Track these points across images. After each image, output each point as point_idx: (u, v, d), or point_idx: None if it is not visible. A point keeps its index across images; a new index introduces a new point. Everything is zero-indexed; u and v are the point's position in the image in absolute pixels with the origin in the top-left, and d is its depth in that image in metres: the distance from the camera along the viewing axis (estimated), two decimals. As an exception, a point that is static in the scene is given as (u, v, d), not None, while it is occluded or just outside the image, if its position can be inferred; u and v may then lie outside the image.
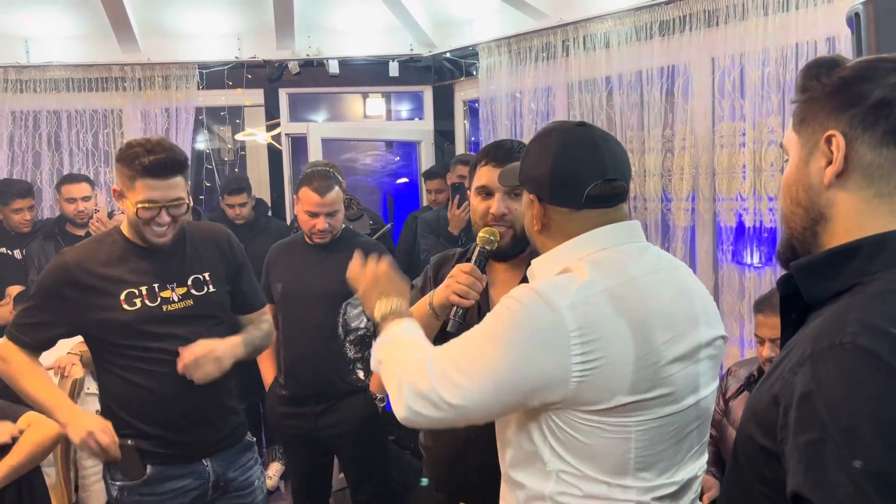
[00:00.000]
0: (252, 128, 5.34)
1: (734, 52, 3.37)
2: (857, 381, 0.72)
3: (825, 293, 0.86)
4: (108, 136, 4.81)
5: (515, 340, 1.18)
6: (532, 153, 1.34)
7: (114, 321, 1.93)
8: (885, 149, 0.85)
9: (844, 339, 0.75)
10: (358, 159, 5.93)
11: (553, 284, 1.21)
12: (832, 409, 0.73)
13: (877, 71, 0.86)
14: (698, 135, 3.54)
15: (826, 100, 0.89)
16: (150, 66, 4.73)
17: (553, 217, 1.30)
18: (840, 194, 0.87)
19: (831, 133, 0.87)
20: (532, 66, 4.31)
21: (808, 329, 0.83)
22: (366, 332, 2.69)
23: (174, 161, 1.89)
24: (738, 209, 3.38)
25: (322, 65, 4.88)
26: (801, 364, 0.78)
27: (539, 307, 1.17)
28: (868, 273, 0.83)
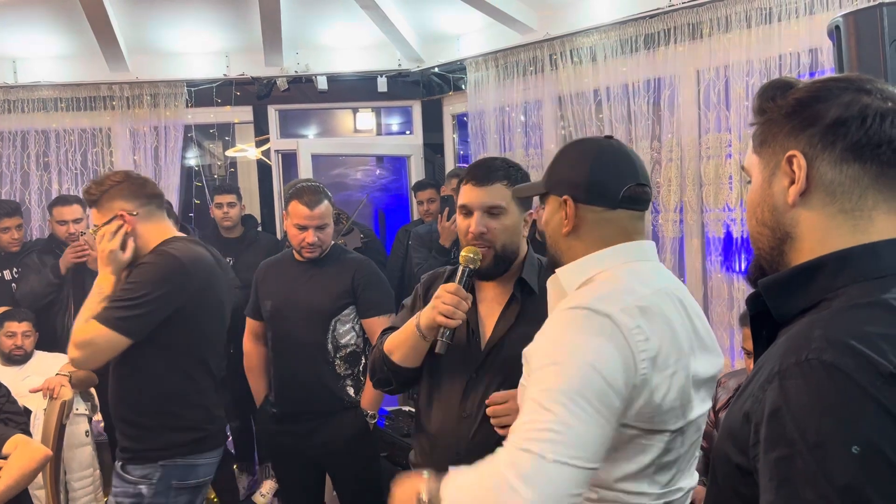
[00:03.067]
0: (242, 144, 5.35)
1: (718, 65, 3.40)
2: (824, 397, 0.73)
3: (793, 310, 0.87)
4: (97, 154, 4.80)
5: (581, 349, 1.15)
6: (565, 159, 1.40)
7: None
8: (844, 166, 0.86)
9: (810, 355, 0.76)
10: (348, 174, 5.94)
11: (594, 296, 1.21)
12: (800, 426, 0.73)
13: (830, 91, 0.88)
14: (685, 146, 3.57)
15: (784, 121, 0.90)
16: (138, 85, 4.74)
17: (585, 217, 1.33)
18: (804, 213, 0.89)
19: (792, 153, 0.88)
20: (520, 80, 4.34)
21: (777, 346, 0.84)
22: (355, 348, 2.68)
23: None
24: (725, 220, 3.41)
25: (311, 81, 4.90)
26: (769, 381, 0.79)
27: (590, 317, 1.17)
28: (833, 289, 0.84)
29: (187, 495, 2.17)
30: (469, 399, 1.74)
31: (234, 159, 5.78)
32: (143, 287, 2.05)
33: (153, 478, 2.12)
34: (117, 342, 2.04)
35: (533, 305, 1.72)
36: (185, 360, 2.17)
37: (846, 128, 0.86)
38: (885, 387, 0.72)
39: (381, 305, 2.66)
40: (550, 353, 1.18)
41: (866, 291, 0.82)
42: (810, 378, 0.75)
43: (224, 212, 4.13)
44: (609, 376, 1.13)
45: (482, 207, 1.72)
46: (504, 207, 1.72)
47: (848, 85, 0.88)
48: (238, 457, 4.23)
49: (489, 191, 1.72)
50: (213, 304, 2.21)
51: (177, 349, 2.15)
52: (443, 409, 1.78)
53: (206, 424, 2.21)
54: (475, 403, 1.73)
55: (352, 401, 2.66)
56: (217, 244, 3.96)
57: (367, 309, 2.65)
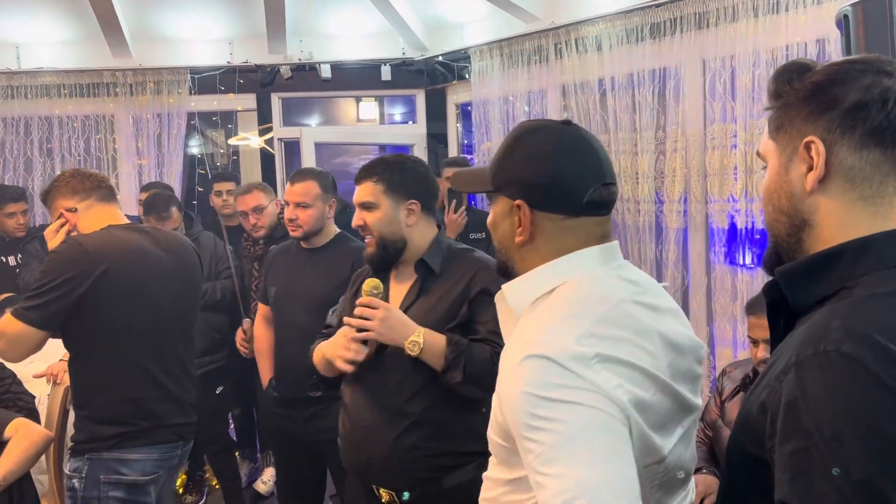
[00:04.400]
0: (245, 132, 5.34)
1: (725, 55, 3.38)
2: (841, 390, 0.72)
3: (811, 298, 0.85)
4: (101, 141, 4.80)
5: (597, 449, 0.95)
6: (517, 153, 1.17)
7: None
8: (864, 151, 0.84)
9: (828, 346, 0.74)
10: (351, 163, 5.94)
11: (546, 334, 1.03)
12: (816, 418, 0.72)
13: (849, 74, 0.86)
14: (690, 137, 3.55)
15: (801, 105, 0.88)
16: (141, 72, 4.73)
17: (542, 225, 1.14)
18: (823, 200, 0.86)
19: (810, 139, 0.86)
20: (524, 69, 4.32)
21: (794, 336, 0.82)
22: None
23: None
24: (729, 210, 3.39)
25: (314, 69, 4.88)
26: (786, 372, 0.77)
27: (552, 371, 0.98)
28: (852, 277, 0.82)
29: (122, 491, 2.13)
30: (375, 370, 1.88)
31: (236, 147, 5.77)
32: (45, 276, 2.06)
33: (82, 471, 2.11)
34: (27, 333, 2.04)
35: (433, 282, 1.91)
36: (105, 351, 2.13)
37: (867, 111, 0.83)
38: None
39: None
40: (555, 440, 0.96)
41: (887, 280, 0.80)
42: (828, 370, 0.73)
43: (224, 199, 4.12)
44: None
45: (357, 203, 1.94)
46: (374, 202, 1.91)
47: (867, 67, 0.85)
48: (240, 444, 4.24)
49: (361, 189, 1.94)
50: (133, 292, 2.13)
51: (93, 341, 2.12)
52: (353, 380, 1.94)
53: (135, 419, 2.14)
54: (380, 375, 1.88)
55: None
56: (217, 232, 3.98)
57: None
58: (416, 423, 1.82)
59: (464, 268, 1.90)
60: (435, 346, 1.78)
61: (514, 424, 1.00)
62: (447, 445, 1.83)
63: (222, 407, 3.83)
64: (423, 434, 1.82)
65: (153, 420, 2.17)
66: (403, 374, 1.84)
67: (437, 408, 1.83)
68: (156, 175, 4.74)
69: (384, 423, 1.84)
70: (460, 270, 1.90)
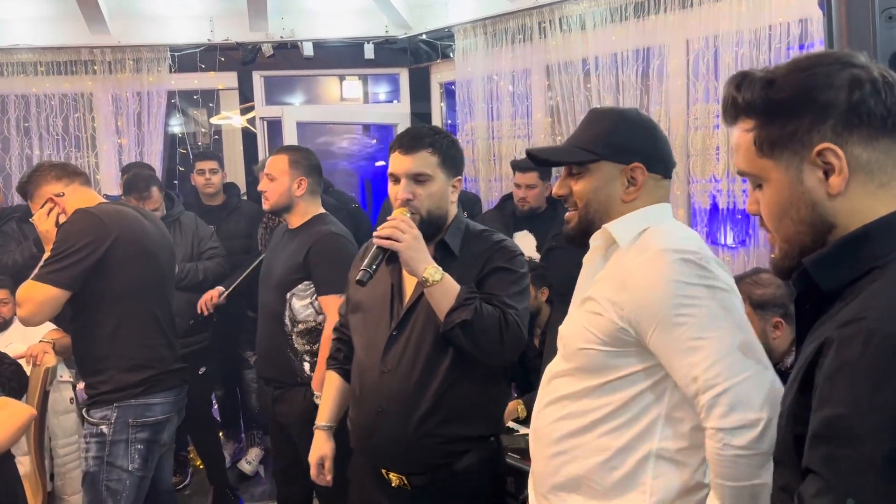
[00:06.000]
0: (227, 111, 5.28)
1: (708, 34, 3.38)
2: (881, 366, 0.74)
3: (842, 281, 0.87)
4: (79, 120, 4.73)
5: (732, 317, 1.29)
6: (622, 128, 1.45)
7: None
8: (875, 143, 0.87)
9: (870, 324, 0.76)
10: (334, 143, 5.89)
11: (701, 261, 1.31)
12: (854, 389, 0.74)
13: (821, 76, 0.88)
14: (673, 117, 3.55)
15: (795, 118, 0.89)
16: (120, 49, 4.65)
17: (647, 185, 1.44)
18: (846, 199, 0.89)
19: (823, 147, 0.88)
20: (508, 48, 4.29)
21: (831, 317, 0.84)
22: (315, 325, 2.59)
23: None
24: (712, 191, 3.41)
25: (296, 47, 4.82)
26: (824, 349, 0.79)
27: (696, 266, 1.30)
28: (881, 256, 0.85)
29: (148, 431, 2.42)
30: (389, 355, 1.84)
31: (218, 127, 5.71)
32: (64, 243, 2.29)
33: (111, 418, 2.37)
34: (52, 294, 2.27)
35: (451, 263, 1.82)
36: (124, 304, 2.38)
37: (865, 105, 0.86)
38: None
39: (335, 283, 2.43)
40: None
41: None
42: (868, 347, 0.75)
43: (206, 178, 4.08)
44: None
45: (408, 175, 1.81)
46: (430, 175, 1.82)
47: (835, 62, 0.89)
48: (224, 424, 4.25)
49: (415, 158, 1.81)
50: (141, 252, 2.42)
51: (114, 296, 2.37)
52: (366, 365, 1.89)
53: (154, 363, 2.43)
54: (395, 359, 1.83)
55: (305, 378, 2.60)
56: (199, 212, 3.95)
57: (320, 285, 2.53)
58: (431, 410, 1.79)
59: (481, 249, 1.86)
60: (451, 285, 1.73)
61: (659, 309, 1.28)
62: (460, 430, 1.81)
63: (205, 387, 3.82)
64: (438, 420, 1.80)
65: (162, 365, 2.46)
66: (421, 361, 1.80)
67: (452, 394, 1.80)
68: (136, 154, 4.68)
69: (400, 410, 1.80)
70: (477, 251, 1.86)
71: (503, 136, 4.37)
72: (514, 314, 1.76)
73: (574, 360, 1.42)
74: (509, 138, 4.34)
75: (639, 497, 1.36)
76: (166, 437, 2.52)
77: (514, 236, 3.57)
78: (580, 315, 1.43)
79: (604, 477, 1.38)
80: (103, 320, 2.38)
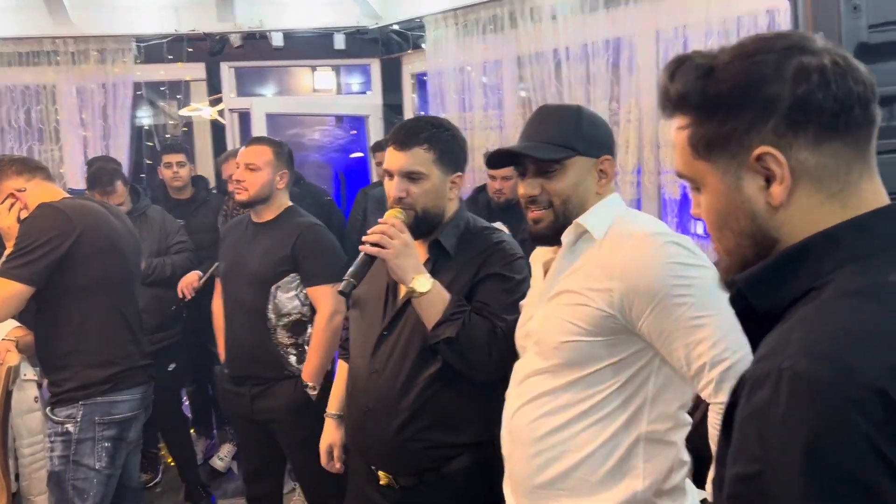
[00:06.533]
0: (197, 103, 5.20)
1: (677, 25, 3.39)
2: (795, 414, 0.64)
3: (780, 303, 0.76)
4: (42, 112, 4.63)
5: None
6: (584, 123, 1.47)
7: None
8: (823, 145, 0.74)
9: (784, 363, 0.66)
10: (304, 135, 5.83)
11: (686, 243, 1.36)
12: (765, 443, 0.65)
13: (768, 65, 0.75)
14: (643, 108, 3.56)
15: (732, 116, 0.77)
16: (83, 40, 4.55)
17: (610, 173, 1.50)
18: (790, 211, 0.76)
19: (762, 151, 0.75)
20: (479, 38, 4.27)
21: (760, 349, 0.75)
22: (300, 317, 2.59)
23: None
24: (681, 181, 3.42)
25: (265, 37, 4.76)
26: (739, 390, 0.72)
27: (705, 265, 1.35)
28: (822, 274, 0.73)
29: (115, 429, 2.39)
30: (378, 355, 1.79)
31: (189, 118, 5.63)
32: (27, 237, 2.25)
33: (77, 416, 2.34)
34: (16, 290, 2.23)
35: (446, 263, 1.77)
36: (88, 300, 2.35)
37: (814, 102, 0.73)
38: (865, 401, 0.62)
39: (324, 274, 2.49)
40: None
41: (858, 275, 0.71)
42: (781, 391, 0.65)
43: (174, 171, 4.01)
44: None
45: (401, 172, 1.74)
46: (424, 172, 1.74)
47: (783, 51, 0.75)
48: (195, 420, 4.20)
49: (408, 155, 1.74)
50: (106, 247, 2.39)
51: (77, 291, 2.33)
52: (357, 364, 1.86)
53: (120, 359, 2.40)
54: (383, 360, 1.78)
55: (293, 370, 2.59)
56: (167, 206, 3.89)
57: (309, 277, 2.54)
58: (414, 415, 1.74)
59: (477, 250, 1.77)
60: (441, 295, 1.67)
61: (657, 291, 1.30)
62: (446, 437, 1.76)
63: (175, 383, 3.77)
64: (422, 426, 1.75)
65: (129, 361, 2.43)
66: (407, 365, 1.76)
67: (437, 400, 1.75)
68: (101, 148, 4.59)
69: (385, 412, 1.76)
70: (473, 252, 1.77)
71: (475, 128, 4.36)
72: (505, 328, 1.68)
73: (554, 356, 1.41)
74: (482, 129, 4.33)
75: (632, 483, 1.37)
76: (133, 434, 2.50)
77: (487, 228, 3.56)
78: (555, 310, 1.42)
79: (595, 469, 1.38)
80: (67, 316, 2.35)
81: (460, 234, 1.81)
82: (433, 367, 1.74)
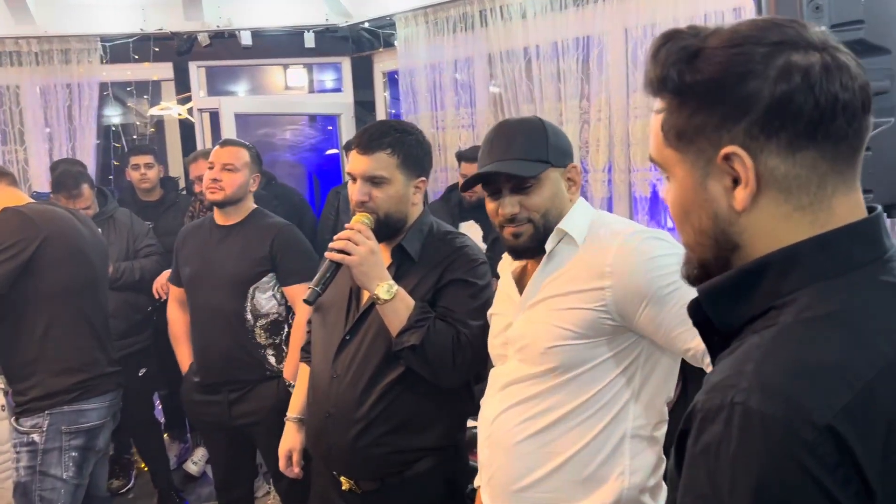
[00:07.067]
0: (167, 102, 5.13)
1: (646, 23, 3.40)
2: (743, 452, 0.61)
3: (738, 319, 0.73)
4: (6, 114, 4.53)
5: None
6: (550, 134, 1.48)
7: None
8: (797, 154, 0.69)
9: (736, 397, 0.63)
10: (276, 134, 5.77)
11: (664, 236, 1.40)
12: (714, 480, 0.63)
13: (753, 60, 0.69)
14: (613, 106, 3.57)
15: (705, 109, 0.72)
16: (47, 40, 4.46)
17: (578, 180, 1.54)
18: (754, 217, 0.72)
19: (730, 150, 0.70)
20: (450, 36, 4.25)
21: (714, 371, 0.71)
22: (277, 316, 2.61)
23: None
24: (651, 179, 3.45)
25: (234, 36, 4.70)
26: (691, 417, 0.68)
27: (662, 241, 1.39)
28: (781, 294, 0.70)
29: (82, 438, 2.36)
30: (339, 360, 1.79)
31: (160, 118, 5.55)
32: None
33: (42, 426, 2.31)
34: None
35: (410, 269, 1.77)
36: (53, 306, 2.32)
37: (793, 105, 0.68)
38: (818, 443, 0.59)
39: (302, 272, 2.51)
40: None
41: (818, 299, 0.68)
42: (732, 428, 0.62)
43: (141, 173, 3.95)
44: None
45: (364, 176, 1.74)
46: (387, 177, 1.74)
47: (774, 45, 0.69)
48: (168, 425, 4.15)
49: (372, 159, 1.73)
50: (72, 252, 2.36)
51: (42, 297, 2.30)
52: (318, 368, 1.86)
53: (86, 366, 2.37)
54: (345, 365, 1.78)
55: (273, 370, 2.60)
56: (135, 208, 3.83)
57: (287, 276, 2.57)
58: (374, 421, 1.75)
59: (441, 255, 1.78)
60: (405, 302, 1.68)
61: (648, 286, 1.32)
62: (409, 442, 1.77)
63: (145, 388, 3.72)
64: (382, 431, 1.75)
65: (96, 369, 2.40)
66: (369, 371, 1.76)
67: (399, 406, 1.75)
68: (67, 149, 4.51)
69: (346, 418, 1.76)
70: (437, 257, 1.78)
71: (447, 126, 4.35)
72: (469, 334, 1.70)
73: (544, 362, 1.40)
74: (454, 128, 4.32)
75: (617, 481, 1.38)
76: (101, 443, 2.47)
77: (460, 227, 3.56)
78: (541, 316, 1.42)
79: (581, 469, 1.38)
80: (32, 322, 2.31)
81: (424, 238, 1.81)
82: (395, 373, 1.74)
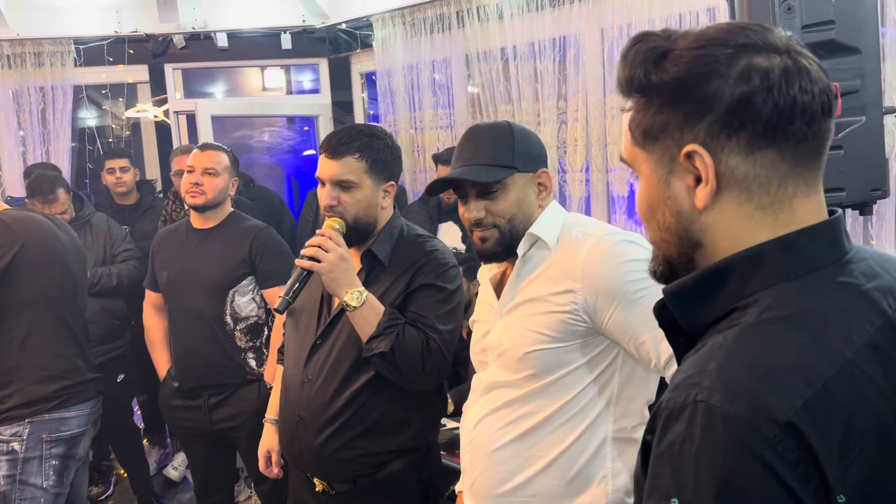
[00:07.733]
0: (143, 104, 5.08)
1: (622, 23, 3.42)
2: (706, 450, 0.62)
3: (704, 320, 0.75)
4: (-22, 117, 4.46)
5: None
6: (519, 139, 1.47)
7: None
8: (757, 154, 0.71)
9: (699, 396, 0.64)
10: (253, 136, 5.74)
11: (637, 240, 1.39)
12: (678, 480, 0.64)
13: (719, 61, 0.71)
14: (590, 106, 3.60)
15: (670, 108, 0.74)
16: (19, 42, 4.40)
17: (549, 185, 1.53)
18: (715, 215, 0.74)
19: (691, 149, 0.73)
20: (427, 37, 4.25)
21: (676, 374, 0.72)
22: (257, 319, 2.61)
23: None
24: (629, 179, 3.48)
25: (210, 38, 4.67)
26: (657, 419, 0.69)
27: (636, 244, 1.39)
28: (744, 295, 0.71)
29: (63, 446, 2.34)
30: (311, 364, 1.80)
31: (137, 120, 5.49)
32: None
33: (23, 434, 2.28)
34: None
35: (380, 273, 1.78)
36: (33, 313, 2.30)
37: (752, 107, 0.70)
38: (779, 439, 0.61)
39: (281, 274, 2.48)
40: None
41: (780, 300, 0.69)
42: (695, 426, 0.63)
43: (117, 177, 3.92)
44: None
45: (332, 180, 1.75)
46: (355, 182, 1.75)
47: (739, 48, 0.71)
48: (148, 430, 4.12)
49: (340, 164, 1.74)
50: (50, 259, 2.33)
51: (23, 304, 2.28)
52: (290, 373, 1.87)
53: (67, 373, 2.35)
54: (316, 369, 1.79)
55: (254, 374, 2.59)
56: (111, 212, 3.80)
57: (266, 279, 2.56)
58: (346, 424, 1.76)
59: (411, 259, 1.79)
60: (374, 309, 1.69)
61: (618, 289, 1.33)
62: (381, 445, 1.78)
63: (124, 394, 3.69)
64: (354, 434, 1.76)
65: (76, 376, 2.38)
66: (340, 375, 1.76)
67: (371, 409, 1.77)
68: (41, 153, 4.45)
69: (317, 421, 1.77)
70: (407, 261, 1.79)
71: (426, 127, 4.35)
72: (438, 339, 1.71)
73: (520, 369, 1.42)
74: (432, 129, 4.32)
75: (601, 484, 1.39)
76: (82, 450, 2.45)
77: (439, 228, 3.57)
78: (517, 321, 1.43)
79: (564, 472, 1.39)
80: (11, 330, 2.29)
81: (394, 242, 1.82)
82: (366, 376, 1.75)
